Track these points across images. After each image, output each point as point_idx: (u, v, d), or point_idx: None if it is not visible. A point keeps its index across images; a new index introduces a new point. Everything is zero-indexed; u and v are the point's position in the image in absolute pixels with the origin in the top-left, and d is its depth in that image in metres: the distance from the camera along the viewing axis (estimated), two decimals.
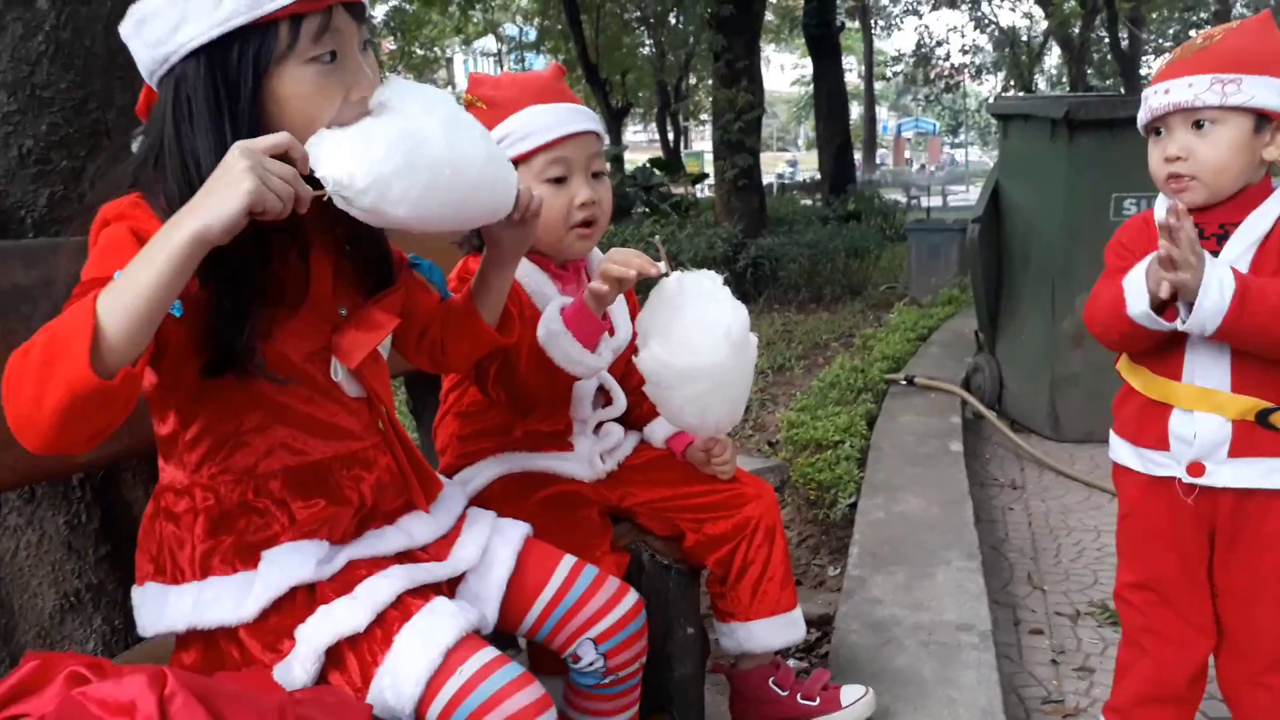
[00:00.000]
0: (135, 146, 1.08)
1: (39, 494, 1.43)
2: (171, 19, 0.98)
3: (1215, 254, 1.42)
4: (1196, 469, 1.46)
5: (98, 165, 1.14)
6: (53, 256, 1.22)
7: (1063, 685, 1.98)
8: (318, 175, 0.98)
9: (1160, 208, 1.50)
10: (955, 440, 3.38)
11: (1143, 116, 1.48)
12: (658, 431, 1.72)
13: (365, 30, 1.08)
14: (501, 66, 25.28)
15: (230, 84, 0.99)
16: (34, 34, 1.38)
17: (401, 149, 1.00)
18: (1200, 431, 1.45)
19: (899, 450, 3.29)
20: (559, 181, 1.52)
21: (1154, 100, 1.45)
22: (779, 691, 1.68)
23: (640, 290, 1.54)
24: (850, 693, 1.68)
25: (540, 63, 22.70)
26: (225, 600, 1.06)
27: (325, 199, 0.99)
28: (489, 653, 1.06)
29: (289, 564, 1.07)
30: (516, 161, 1.51)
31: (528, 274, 1.55)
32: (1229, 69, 1.39)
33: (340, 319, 1.15)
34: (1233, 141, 1.40)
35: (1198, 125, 1.42)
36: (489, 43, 25.33)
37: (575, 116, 1.54)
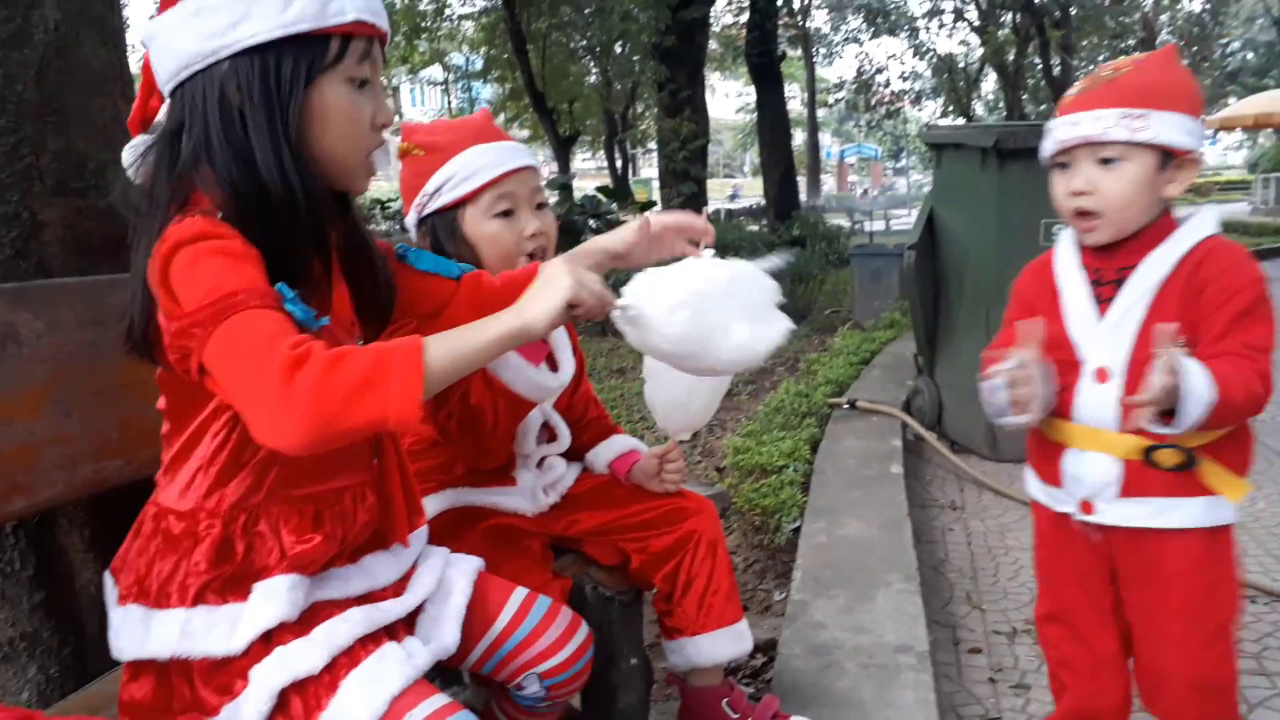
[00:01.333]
0: (129, 157, 1.08)
1: None
2: (234, 14, 1.01)
3: (1112, 300, 1.42)
4: (1087, 507, 1.45)
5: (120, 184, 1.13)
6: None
7: (1000, 703, 2.03)
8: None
9: (1064, 242, 1.52)
10: (896, 463, 3.45)
11: (1049, 148, 1.47)
12: (601, 457, 1.76)
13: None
14: (449, 95, 25.28)
15: (282, 86, 1.02)
16: None
17: (689, 325, 1.15)
18: (1088, 472, 1.44)
19: (841, 474, 3.35)
20: (506, 215, 1.57)
21: (1061, 132, 1.43)
22: (730, 714, 1.71)
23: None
24: None
25: (487, 92, 22.74)
26: (216, 631, 1.05)
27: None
28: (439, 700, 1.05)
29: (281, 599, 1.06)
30: (464, 201, 1.55)
31: None
32: (1137, 104, 1.37)
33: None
34: (1138, 178, 1.39)
35: (1104, 161, 1.40)
36: (436, 72, 25.32)
37: (515, 154, 1.59)
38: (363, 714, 1.01)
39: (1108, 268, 1.45)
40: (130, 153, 1.09)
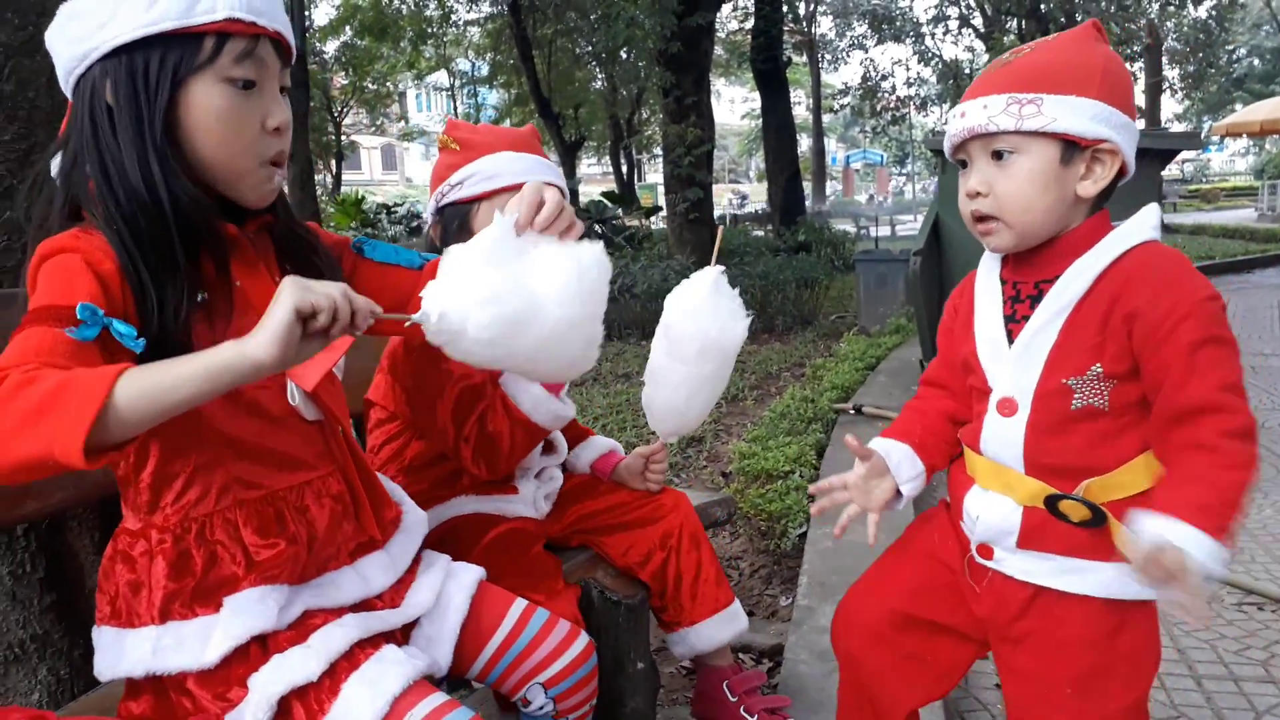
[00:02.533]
0: (54, 167, 1.07)
1: None
2: (100, 16, 0.99)
3: (1028, 319, 1.22)
4: (985, 551, 1.27)
5: (26, 195, 1.12)
6: (1, 309, 1.23)
7: (1001, 712, 2.03)
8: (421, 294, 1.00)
9: (985, 265, 1.33)
10: None
11: (946, 145, 1.28)
12: (582, 458, 1.83)
13: (286, 75, 1.10)
14: (454, 101, 25.34)
15: (149, 86, 1.00)
16: None
17: (501, 314, 1.00)
18: (987, 513, 1.25)
19: None
20: None
21: (952, 126, 1.25)
22: (728, 695, 1.76)
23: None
24: None
25: (493, 98, 22.79)
26: (187, 647, 1.05)
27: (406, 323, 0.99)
28: (438, 698, 1.06)
29: (252, 612, 1.06)
30: (481, 198, 1.57)
31: None
32: (1029, 87, 1.17)
33: None
34: (1035, 174, 1.18)
35: (997, 155, 1.20)
36: (441, 78, 25.40)
37: (542, 168, 1.61)
38: (365, 714, 1.02)
39: (1027, 281, 1.25)
40: (54, 167, 1.07)
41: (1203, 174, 38.68)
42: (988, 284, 1.30)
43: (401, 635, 1.21)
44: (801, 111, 30.00)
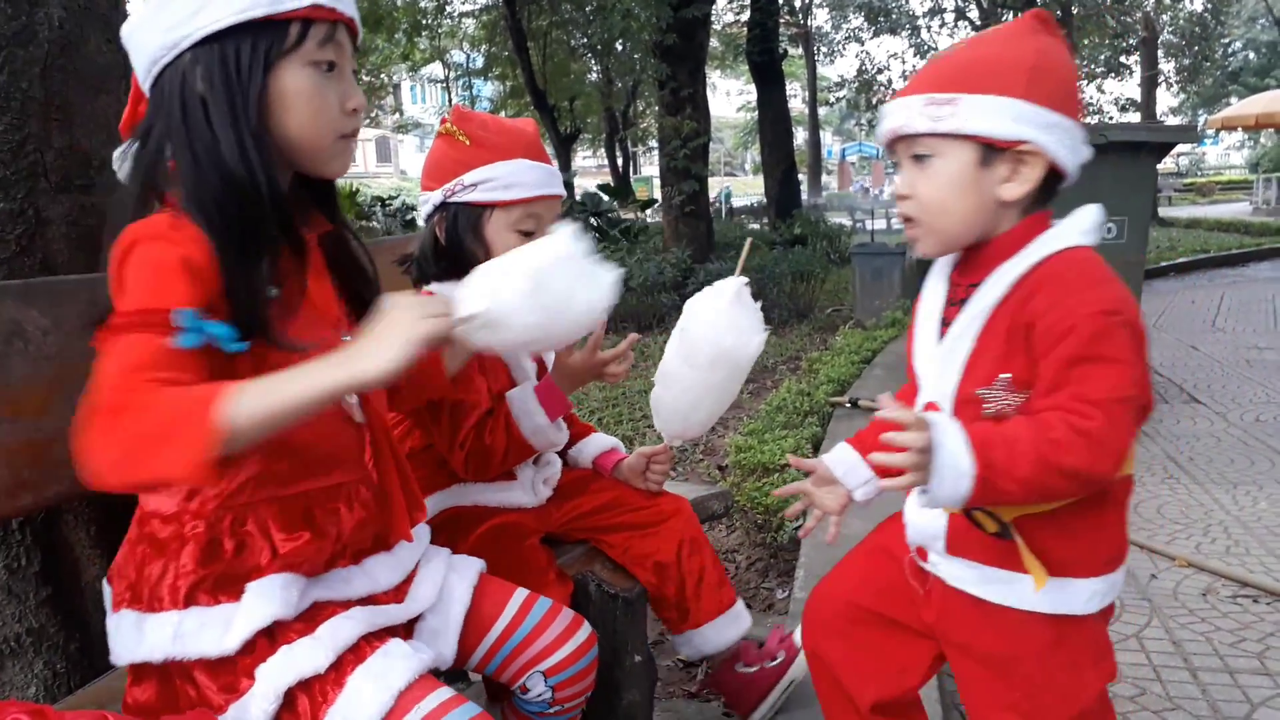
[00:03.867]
0: (118, 163, 1.09)
1: None
2: (192, 5, 1.02)
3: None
4: (923, 553, 1.27)
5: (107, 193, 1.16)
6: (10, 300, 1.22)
7: None
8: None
9: (940, 262, 1.28)
10: None
11: (880, 144, 1.26)
12: (584, 453, 1.83)
13: (355, 59, 1.15)
14: (449, 93, 25.27)
15: (241, 72, 1.03)
16: None
17: (541, 310, 1.11)
18: (919, 517, 1.24)
19: None
20: (528, 235, 1.59)
21: (880, 125, 1.23)
22: (747, 670, 1.79)
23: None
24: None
25: (488, 89, 22.71)
26: (208, 632, 1.05)
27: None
28: (444, 693, 1.06)
29: (275, 598, 1.06)
30: (493, 205, 1.57)
31: None
32: (947, 86, 1.13)
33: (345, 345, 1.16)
34: (951, 177, 1.14)
35: (919, 158, 1.17)
36: (436, 69, 25.31)
37: (554, 180, 1.63)
38: (370, 708, 1.02)
39: (962, 284, 1.23)
40: (118, 156, 1.10)
41: (1198, 167, 38.73)
42: (936, 283, 1.28)
43: (406, 630, 1.21)
44: (797, 104, 29.96)
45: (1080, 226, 1.15)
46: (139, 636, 1.07)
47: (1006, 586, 1.18)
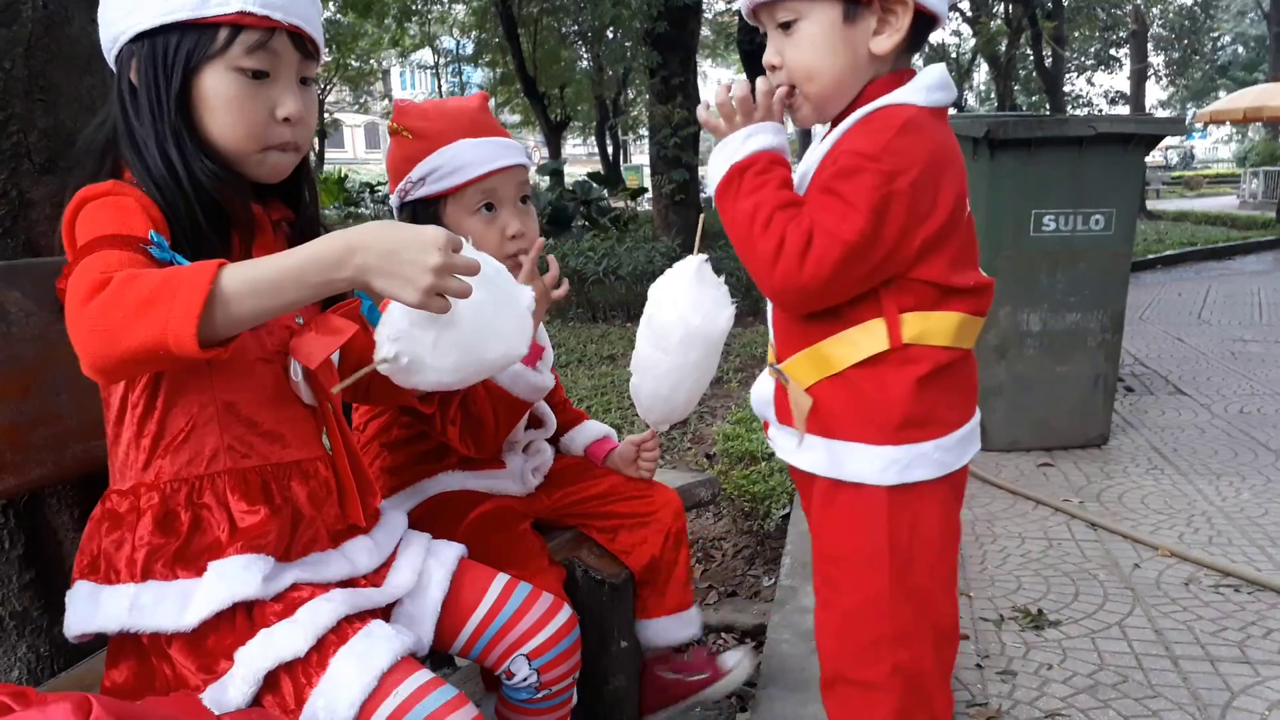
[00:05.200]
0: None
1: None
2: (129, 2, 1.06)
3: None
4: (766, 427, 1.29)
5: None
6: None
7: (986, 689, 2.05)
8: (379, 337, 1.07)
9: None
10: None
11: (744, 14, 1.22)
12: (576, 441, 1.83)
13: (312, 67, 1.15)
14: (439, 79, 25.15)
15: (165, 70, 1.06)
16: None
17: (458, 349, 1.07)
18: (757, 385, 1.28)
19: None
20: (489, 209, 1.56)
21: None
22: (669, 676, 1.79)
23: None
24: (730, 658, 1.80)
25: (478, 76, 22.62)
26: (165, 605, 1.05)
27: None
28: (424, 675, 1.07)
29: (235, 579, 1.06)
30: (445, 195, 1.53)
31: None
32: None
33: (297, 326, 1.17)
34: (818, 40, 1.12)
35: (784, 25, 1.14)
36: (426, 55, 25.18)
37: (504, 151, 1.57)
38: (353, 688, 1.02)
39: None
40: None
41: (1186, 161, 38.90)
42: (815, 153, 1.22)
43: (383, 615, 1.21)
44: None
45: (919, 84, 1.13)
46: (94, 608, 1.07)
47: (808, 453, 1.20)
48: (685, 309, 1.45)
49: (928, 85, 1.13)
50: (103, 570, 1.09)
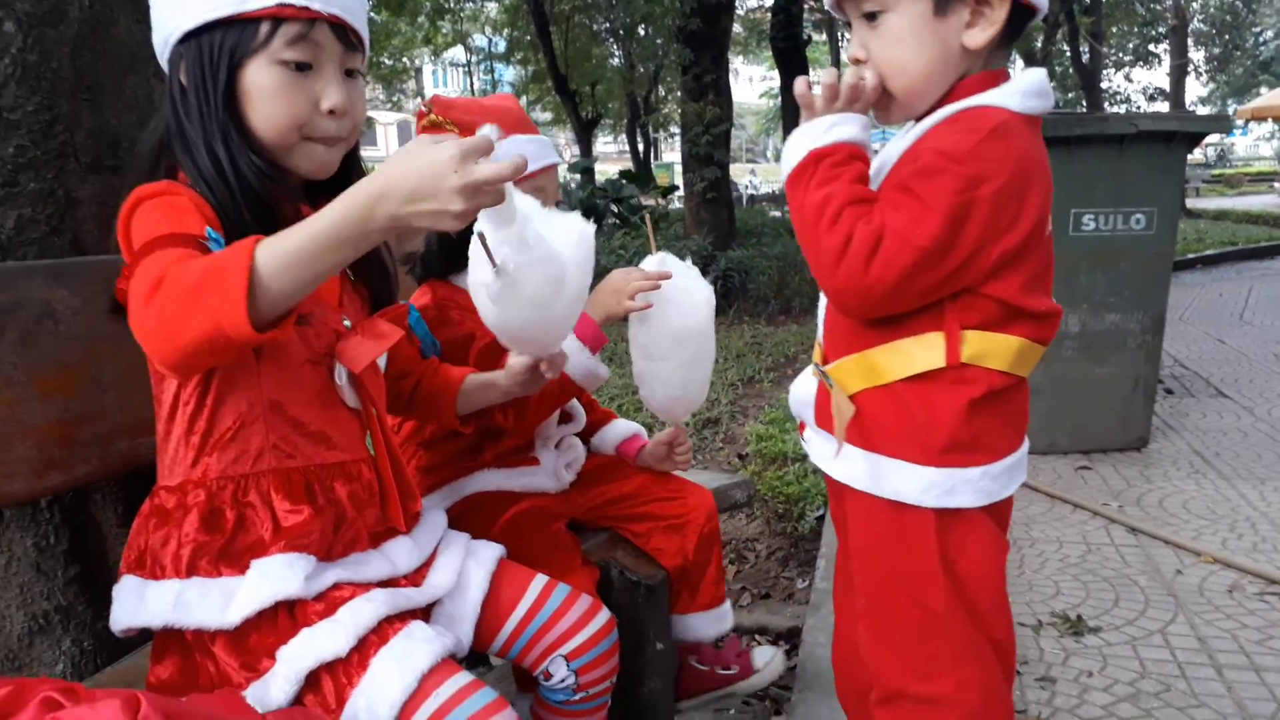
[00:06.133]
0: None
1: (7, 516, 1.42)
2: (173, 2, 1.08)
3: None
4: (802, 428, 1.24)
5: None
6: (21, 280, 1.23)
7: (1025, 695, 2.02)
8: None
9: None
10: None
11: (828, 6, 1.18)
12: (607, 440, 1.84)
13: (357, 59, 1.15)
14: (471, 78, 25.25)
15: (211, 67, 1.07)
16: (0, 57, 1.38)
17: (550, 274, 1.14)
18: (798, 384, 1.23)
19: None
20: None
21: None
22: (699, 667, 1.80)
23: None
24: (761, 655, 1.82)
25: (510, 74, 22.68)
26: (208, 602, 1.06)
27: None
28: (464, 677, 1.07)
29: (278, 577, 1.07)
30: None
31: None
32: None
33: (344, 330, 1.18)
34: (906, 32, 1.06)
35: (869, 16, 1.09)
36: (458, 53, 25.29)
37: (549, 150, 1.63)
38: (394, 690, 1.03)
39: None
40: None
41: (1226, 158, 38.24)
42: (895, 147, 1.18)
43: (423, 615, 1.21)
44: None
45: (1013, 88, 1.07)
46: (139, 603, 1.08)
47: (848, 464, 1.15)
48: (664, 314, 1.46)
49: (1024, 90, 1.06)
50: (148, 565, 1.10)
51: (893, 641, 1.16)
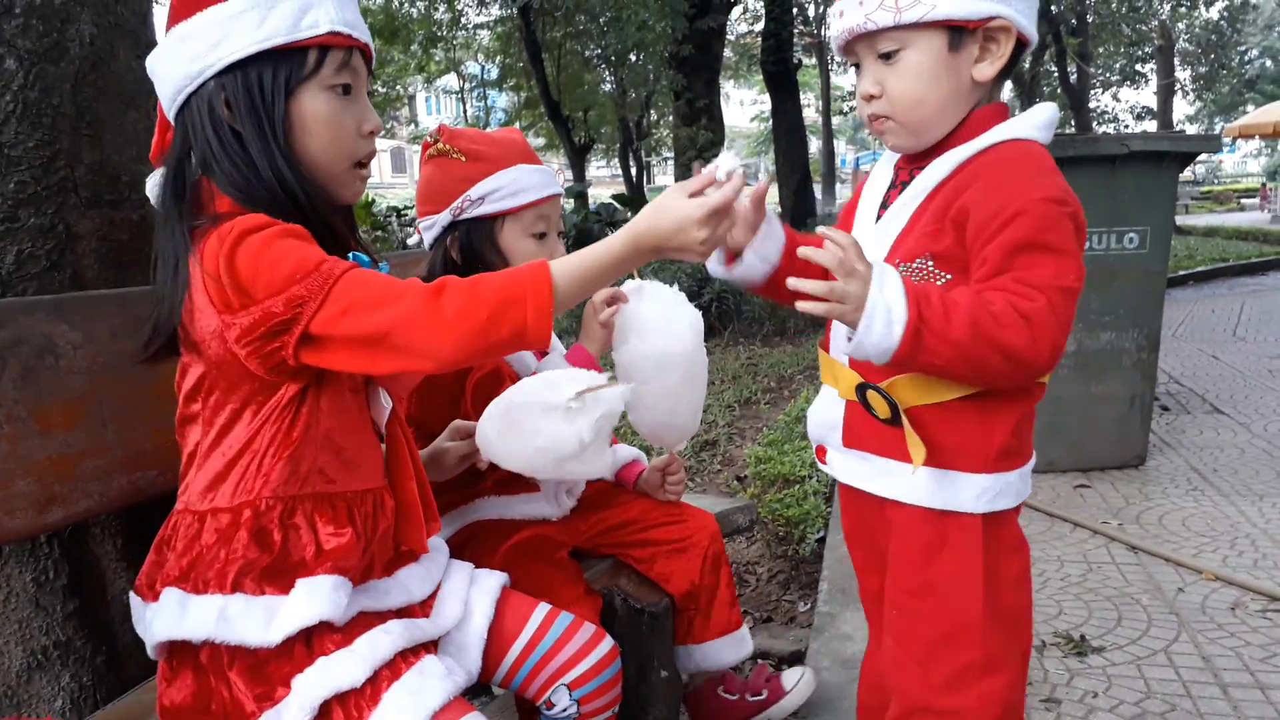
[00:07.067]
0: (151, 189, 1.14)
1: (6, 552, 1.42)
2: (214, 36, 1.07)
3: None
4: (820, 452, 1.26)
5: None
6: (22, 316, 1.23)
7: (1031, 717, 2.01)
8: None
9: (888, 152, 1.25)
10: None
11: (834, 48, 1.22)
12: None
13: (369, 83, 1.19)
14: (464, 105, 25.37)
15: (265, 97, 1.09)
16: (2, 94, 1.39)
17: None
18: (819, 409, 1.24)
19: None
20: (540, 237, 1.62)
21: (833, 26, 1.19)
22: (728, 697, 1.80)
23: None
24: (790, 677, 1.82)
25: (503, 100, 22.80)
26: (251, 619, 1.06)
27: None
28: (475, 717, 1.07)
29: (323, 598, 1.07)
30: (504, 214, 1.59)
31: None
32: None
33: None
34: (924, 68, 1.11)
35: (885, 56, 1.14)
36: (451, 81, 25.42)
37: (552, 180, 1.66)
38: None
39: (907, 168, 1.22)
40: (151, 184, 1.14)
41: (1215, 176, 38.49)
42: (882, 170, 1.26)
43: (432, 644, 1.21)
44: (811, 114, 29.95)
45: (1034, 122, 1.14)
46: (182, 615, 1.07)
47: (893, 479, 1.17)
48: (647, 339, 1.43)
49: (1045, 123, 1.14)
50: (192, 580, 1.09)
51: (919, 656, 1.18)
